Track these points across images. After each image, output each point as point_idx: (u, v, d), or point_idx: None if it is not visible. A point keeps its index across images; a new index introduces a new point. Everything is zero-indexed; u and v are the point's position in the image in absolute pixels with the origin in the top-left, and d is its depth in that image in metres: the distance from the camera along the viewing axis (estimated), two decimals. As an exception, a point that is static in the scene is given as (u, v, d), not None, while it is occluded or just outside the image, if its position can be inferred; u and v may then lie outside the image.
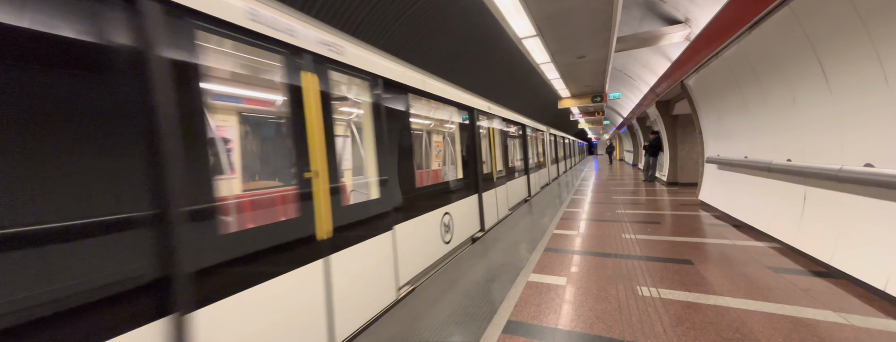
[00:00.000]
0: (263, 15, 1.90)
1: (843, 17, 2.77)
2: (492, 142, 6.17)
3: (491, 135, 6.17)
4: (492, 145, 6.15)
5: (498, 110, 6.72)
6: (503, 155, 6.94)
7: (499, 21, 5.29)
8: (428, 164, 8.47)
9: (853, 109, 2.90)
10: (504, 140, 7.19)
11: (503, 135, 7.14)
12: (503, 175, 6.67)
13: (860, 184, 2.75)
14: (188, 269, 1.38)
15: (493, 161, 6.10)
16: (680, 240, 4.37)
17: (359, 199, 2.75)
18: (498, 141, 6.68)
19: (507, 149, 7.34)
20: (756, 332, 2.23)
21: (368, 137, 2.90)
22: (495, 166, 6.14)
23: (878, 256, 2.67)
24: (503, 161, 6.85)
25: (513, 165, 7.78)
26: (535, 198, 8.86)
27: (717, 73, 5.30)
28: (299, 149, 2.08)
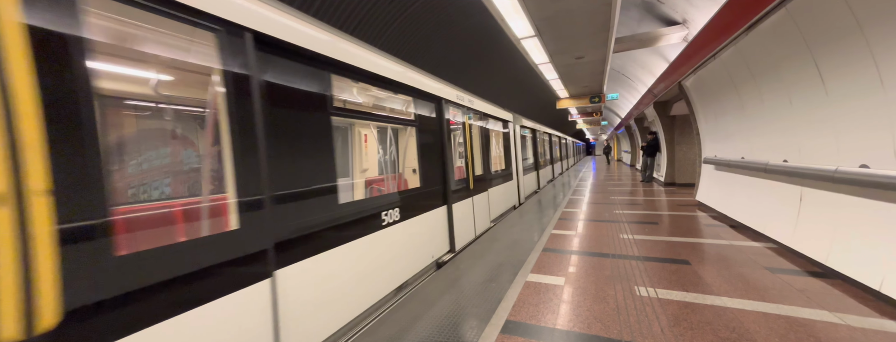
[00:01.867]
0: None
1: (839, 19, 2.79)
2: (469, 142, 5.02)
3: (467, 133, 5.04)
4: (469, 146, 5.02)
5: (480, 104, 5.63)
6: (484, 157, 5.80)
7: (498, 21, 5.30)
8: (373, 170, 5.65)
9: (849, 111, 2.93)
10: (486, 139, 6.01)
11: (485, 133, 5.97)
12: (484, 181, 5.60)
13: (856, 184, 2.77)
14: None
15: (470, 165, 4.95)
16: (677, 240, 4.39)
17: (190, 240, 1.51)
18: (477, 140, 5.60)
19: (489, 150, 6.16)
20: (752, 332, 2.24)
21: (226, 134, 1.72)
22: (472, 170, 5.00)
23: (873, 257, 2.70)
24: (484, 164, 5.73)
25: (497, 169, 6.70)
26: (526, 205, 7.91)
27: (715, 74, 5.33)
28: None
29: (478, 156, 5.57)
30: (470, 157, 5.00)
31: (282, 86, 2.01)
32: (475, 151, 5.49)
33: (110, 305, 1.24)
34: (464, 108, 4.93)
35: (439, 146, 4.03)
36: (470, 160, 4.98)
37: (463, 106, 4.84)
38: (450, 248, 4.15)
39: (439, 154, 4.02)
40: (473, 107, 5.30)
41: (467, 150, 4.98)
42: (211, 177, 2.33)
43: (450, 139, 4.28)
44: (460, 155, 5.84)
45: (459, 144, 5.63)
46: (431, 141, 3.87)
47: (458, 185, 4.50)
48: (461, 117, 4.92)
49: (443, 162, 4.07)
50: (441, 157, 4.05)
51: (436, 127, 4.02)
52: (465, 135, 5.02)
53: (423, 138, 3.71)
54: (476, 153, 5.57)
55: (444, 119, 4.16)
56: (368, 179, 5.16)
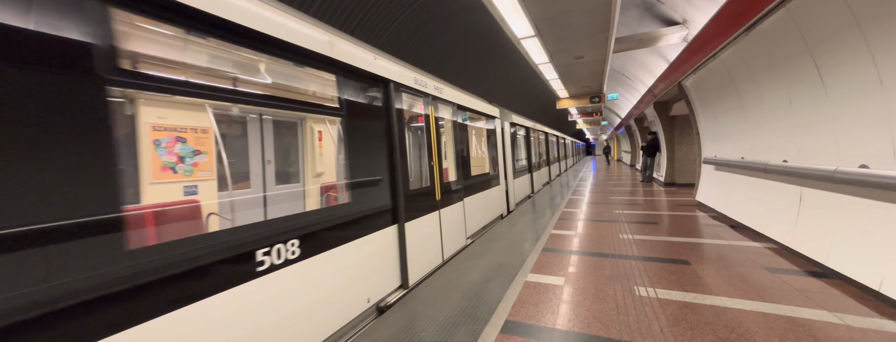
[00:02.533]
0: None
1: (838, 19, 2.80)
2: (434, 140, 3.92)
3: (433, 129, 3.93)
4: (434, 145, 3.91)
5: (451, 93, 4.53)
6: (459, 159, 4.73)
7: (498, 21, 5.30)
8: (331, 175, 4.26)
9: (848, 111, 2.93)
10: (462, 138, 4.96)
11: (460, 131, 4.91)
12: (458, 189, 4.54)
13: (855, 185, 2.78)
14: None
15: (436, 169, 3.91)
16: (677, 240, 4.39)
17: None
18: (449, 139, 4.62)
19: (467, 150, 5.09)
20: (752, 332, 2.25)
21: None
22: (439, 176, 3.94)
23: (872, 257, 2.70)
24: (459, 168, 4.70)
25: (480, 173, 5.65)
26: (517, 213, 6.90)
27: (715, 74, 5.33)
28: None
29: (450, 158, 4.60)
30: (436, 159, 3.88)
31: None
32: (446, 152, 4.45)
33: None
34: (426, 97, 3.81)
35: (386, 146, 3.00)
36: (436, 163, 3.88)
37: (424, 93, 3.74)
38: (401, 283, 3.12)
39: (386, 156, 2.98)
40: (443, 96, 4.19)
41: (433, 151, 3.88)
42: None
43: (403, 136, 3.25)
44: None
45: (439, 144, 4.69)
46: (371, 139, 2.85)
47: (418, 197, 3.50)
48: (424, 108, 3.85)
49: (391, 167, 3.01)
50: (389, 160, 3.01)
51: (379, 119, 2.96)
52: (429, 131, 3.85)
53: (356, 135, 2.69)
54: (448, 154, 4.62)
55: (393, 109, 3.10)
56: (325, 185, 4.00)
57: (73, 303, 1.18)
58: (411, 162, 5.55)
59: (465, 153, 4.93)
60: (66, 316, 1.17)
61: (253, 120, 3.67)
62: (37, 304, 1.12)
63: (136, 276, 1.35)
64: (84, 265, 1.21)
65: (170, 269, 1.46)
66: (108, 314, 1.27)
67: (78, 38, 1.26)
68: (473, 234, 5.10)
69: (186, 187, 2.88)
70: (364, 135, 2.79)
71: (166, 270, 1.45)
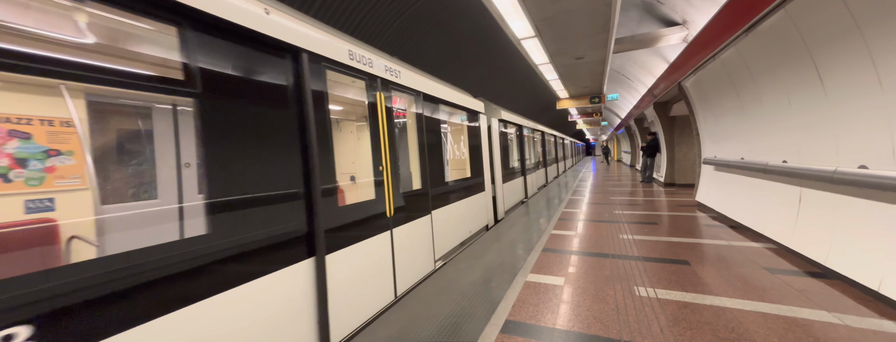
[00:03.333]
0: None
1: (838, 20, 2.80)
2: (384, 137, 3.01)
3: (381, 123, 2.99)
4: (384, 144, 3.00)
5: (412, 78, 3.58)
6: (427, 162, 3.78)
7: (498, 22, 5.30)
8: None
9: (848, 111, 2.94)
10: (432, 136, 4.01)
11: (429, 127, 3.93)
12: (422, 201, 3.62)
13: (855, 185, 2.78)
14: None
15: (387, 175, 2.99)
16: (677, 240, 4.40)
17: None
18: (412, 137, 3.73)
19: (440, 151, 4.17)
20: (752, 332, 2.25)
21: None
22: (391, 186, 3.03)
23: (871, 257, 2.70)
24: (428, 173, 3.76)
25: (458, 178, 4.83)
26: (505, 223, 6.00)
27: (715, 74, 5.34)
28: None
29: (412, 160, 3.69)
30: (387, 162, 2.99)
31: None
32: (401, 153, 3.46)
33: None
34: (371, 80, 2.89)
35: (298, 146, 2.14)
36: (387, 168, 2.98)
37: (368, 75, 2.82)
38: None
39: (298, 160, 2.14)
40: (399, 81, 3.27)
41: (384, 153, 2.97)
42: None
43: (327, 132, 2.35)
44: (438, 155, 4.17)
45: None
46: (268, 135, 1.98)
47: (355, 214, 2.59)
48: (368, 95, 2.90)
49: (306, 175, 2.17)
50: (303, 165, 2.16)
51: (282, 106, 2.07)
52: (378, 126, 2.94)
53: (236, 126, 1.81)
54: (409, 156, 3.72)
55: (308, 92, 2.19)
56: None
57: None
58: (346, 167, 4.83)
59: (435, 155, 3.99)
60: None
61: (161, 111, 2.88)
62: None
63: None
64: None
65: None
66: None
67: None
68: (447, 254, 4.17)
69: (31, 202, 2.13)
70: (255, 128, 1.88)
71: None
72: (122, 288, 1.33)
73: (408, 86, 3.47)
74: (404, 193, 3.28)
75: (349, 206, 2.56)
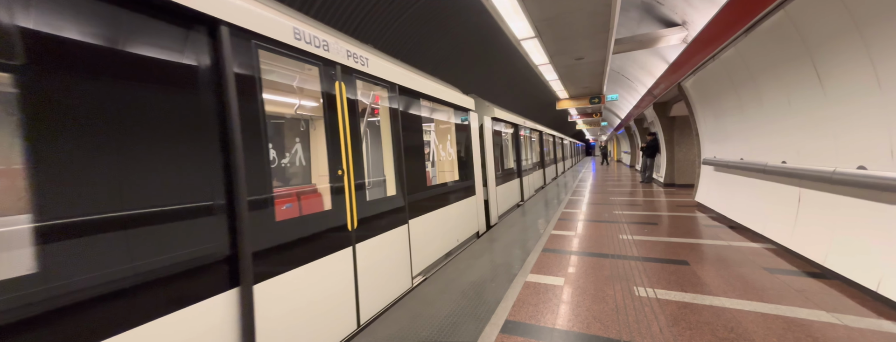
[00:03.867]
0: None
1: (837, 21, 2.81)
2: (345, 135, 2.53)
3: (341, 118, 2.53)
4: (345, 144, 2.53)
5: (382, 65, 3.05)
6: (405, 165, 3.34)
7: (498, 22, 5.31)
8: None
9: (847, 112, 2.94)
10: (411, 135, 3.52)
11: (409, 125, 3.48)
12: (398, 207, 3.17)
13: (853, 186, 2.79)
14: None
15: (348, 181, 2.51)
16: (676, 241, 4.40)
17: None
18: (387, 134, 3.27)
19: (419, 152, 3.65)
20: (751, 332, 2.26)
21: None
22: (352, 194, 2.55)
23: (870, 258, 2.71)
24: (405, 177, 3.31)
25: (440, 183, 4.22)
26: (498, 228, 5.51)
27: (714, 75, 5.35)
28: None
29: (386, 162, 3.29)
30: (348, 165, 2.51)
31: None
32: (373, 153, 3.23)
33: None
34: (327, 67, 2.41)
35: (217, 147, 1.69)
36: (349, 172, 2.51)
37: (320, 59, 2.36)
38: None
39: (212, 163, 1.68)
40: (366, 70, 2.80)
41: (345, 154, 2.50)
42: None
43: (260, 127, 1.91)
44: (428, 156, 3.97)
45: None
46: (159, 129, 1.50)
47: (302, 229, 2.14)
48: (322, 84, 2.41)
49: (228, 182, 1.72)
50: (224, 171, 1.71)
51: (191, 92, 1.62)
52: (337, 122, 2.46)
53: (91, 118, 1.30)
54: (383, 158, 3.33)
55: (229, 76, 1.74)
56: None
57: None
58: (296, 171, 4.17)
59: (414, 156, 3.53)
60: None
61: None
62: None
63: None
64: None
65: None
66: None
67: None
68: (429, 268, 3.73)
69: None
70: (134, 118, 1.41)
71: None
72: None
73: (378, 76, 2.98)
74: (374, 201, 2.83)
75: (294, 221, 2.09)
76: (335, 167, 2.43)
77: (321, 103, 2.41)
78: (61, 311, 1.18)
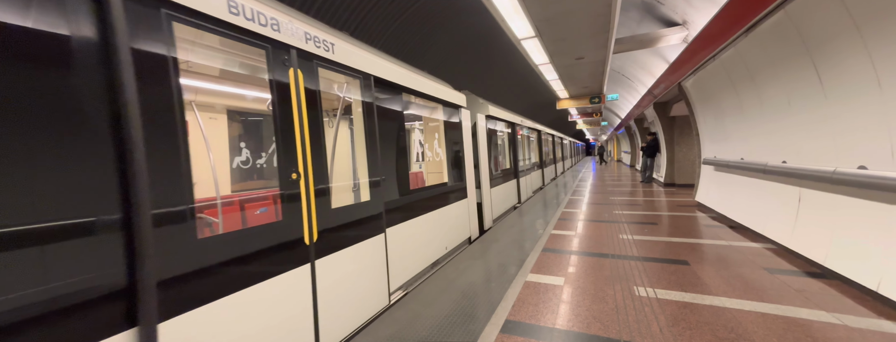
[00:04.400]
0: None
1: (837, 20, 2.81)
2: (302, 132, 2.16)
3: (299, 112, 2.16)
4: (302, 143, 2.17)
5: (349, 53, 2.65)
6: (381, 167, 2.96)
7: (498, 22, 5.31)
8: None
9: (847, 112, 2.94)
10: (390, 133, 3.17)
11: (388, 121, 3.14)
12: (373, 215, 2.80)
13: (854, 186, 2.79)
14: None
15: (307, 186, 2.17)
16: (676, 240, 4.40)
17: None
18: (360, 133, 2.88)
19: (399, 152, 3.30)
20: (751, 332, 2.26)
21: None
22: (310, 201, 2.18)
23: (870, 257, 2.71)
24: (380, 180, 2.92)
25: (424, 187, 3.82)
26: (492, 233, 5.20)
27: (714, 75, 5.35)
28: None
29: (358, 163, 2.91)
30: (306, 168, 2.16)
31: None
32: (340, 153, 2.89)
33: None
34: (278, 51, 2.06)
35: (111, 148, 1.29)
36: (306, 174, 2.15)
37: (269, 41, 2.00)
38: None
39: (98, 165, 1.26)
40: (332, 57, 2.46)
41: (303, 155, 2.14)
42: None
43: (176, 122, 1.52)
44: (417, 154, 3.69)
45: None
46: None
47: (235, 249, 1.74)
48: (272, 72, 2.04)
49: (124, 189, 1.31)
50: (120, 176, 1.31)
51: (59, 71, 1.17)
52: (292, 117, 2.11)
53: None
54: (355, 159, 3.01)
55: (122, 53, 1.30)
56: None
57: None
58: (236, 173, 3.65)
59: (394, 156, 3.18)
60: None
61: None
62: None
63: None
64: None
65: None
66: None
67: None
68: (411, 281, 3.38)
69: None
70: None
71: None
72: None
73: (347, 65, 2.58)
74: (342, 208, 2.46)
75: (224, 238, 1.69)
76: (288, 170, 2.03)
77: (271, 94, 2.00)
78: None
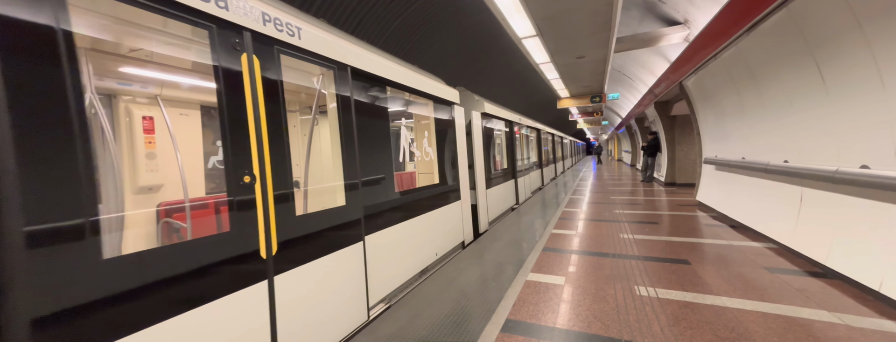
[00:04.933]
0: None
1: (839, 19, 2.80)
2: (257, 127, 1.86)
3: (253, 103, 1.84)
4: (257, 139, 1.86)
5: (318, 39, 2.33)
6: (360, 167, 2.69)
7: (498, 20, 5.29)
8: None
9: (849, 111, 2.93)
10: (370, 130, 2.87)
11: (368, 117, 2.85)
12: (349, 221, 2.53)
13: (856, 185, 2.78)
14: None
15: (265, 192, 1.88)
16: (677, 240, 4.40)
17: None
18: (335, 129, 2.54)
19: (381, 152, 3.00)
20: (752, 332, 2.25)
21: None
22: (266, 210, 1.88)
23: (872, 257, 2.70)
24: (359, 182, 2.65)
25: (411, 189, 3.54)
26: (488, 236, 4.95)
27: (716, 74, 5.33)
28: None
29: (333, 163, 2.55)
30: (263, 167, 1.89)
31: None
32: (311, 152, 2.62)
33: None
34: (223, 31, 1.75)
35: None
36: (263, 177, 1.88)
37: (201, 15, 1.64)
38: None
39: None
40: (297, 42, 2.16)
41: (255, 151, 1.84)
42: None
43: (61, 110, 1.18)
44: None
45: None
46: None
47: (159, 270, 1.42)
48: (217, 55, 1.71)
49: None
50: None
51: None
52: (246, 108, 1.83)
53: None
54: (330, 159, 2.57)
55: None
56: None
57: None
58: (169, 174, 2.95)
59: (375, 156, 2.88)
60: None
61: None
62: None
63: None
64: None
65: None
66: None
67: None
68: (396, 291, 3.12)
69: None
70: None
71: None
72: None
73: (318, 53, 2.29)
74: (309, 215, 2.17)
75: (144, 256, 1.38)
76: (238, 172, 1.74)
77: (216, 83, 1.69)
78: None
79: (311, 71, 2.53)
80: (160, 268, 1.42)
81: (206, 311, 1.57)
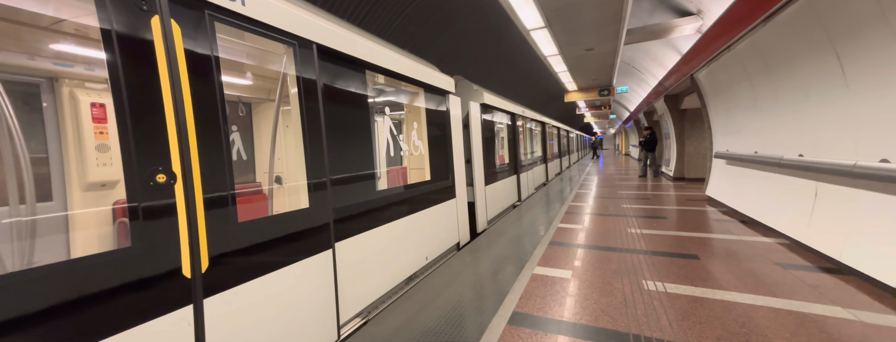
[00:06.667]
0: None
1: (862, 8, 2.69)
2: (181, 110, 1.48)
3: (168, 82, 1.43)
4: (186, 125, 1.49)
5: (275, 6, 1.93)
6: (328, 162, 2.27)
7: (507, 11, 5.21)
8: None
9: (869, 104, 2.84)
10: (350, 119, 2.56)
11: (344, 104, 2.50)
12: (318, 226, 2.19)
13: (875, 179, 2.71)
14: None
15: (191, 190, 1.49)
16: (686, 235, 4.35)
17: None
18: (296, 119, 2.14)
19: (365, 145, 2.72)
20: (762, 327, 2.22)
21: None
22: (201, 214, 1.53)
23: (890, 252, 2.64)
24: (328, 180, 2.26)
25: (399, 186, 3.34)
26: (486, 236, 4.70)
27: (729, 66, 5.21)
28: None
29: (299, 159, 2.15)
30: (188, 163, 1.50)
31: None
32: (273, 148, 2.26)
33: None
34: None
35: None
36: (189, 176, 1.50)
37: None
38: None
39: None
40: (241, 10, 1.76)
41: (178, 143, 1.48)
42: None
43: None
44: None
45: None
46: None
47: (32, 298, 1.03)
48: (118, 22, 1.28)
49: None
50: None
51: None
52: (161, 90, 1.44)
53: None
54: (298, 153, 2.16)
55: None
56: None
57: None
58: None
59: (349, 150, 2.52)
60: None
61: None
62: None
63: None
64: None
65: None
66: None
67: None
68: (377, 302, 2.80)
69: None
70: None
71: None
72: None
73: (270, 24, 1.91)
74: (257, 221, 1.82)
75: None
76: (149, 169, 1.37)
77: (106, 53, 1.28)
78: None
79: (275, 50, 2.14)
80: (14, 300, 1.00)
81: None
